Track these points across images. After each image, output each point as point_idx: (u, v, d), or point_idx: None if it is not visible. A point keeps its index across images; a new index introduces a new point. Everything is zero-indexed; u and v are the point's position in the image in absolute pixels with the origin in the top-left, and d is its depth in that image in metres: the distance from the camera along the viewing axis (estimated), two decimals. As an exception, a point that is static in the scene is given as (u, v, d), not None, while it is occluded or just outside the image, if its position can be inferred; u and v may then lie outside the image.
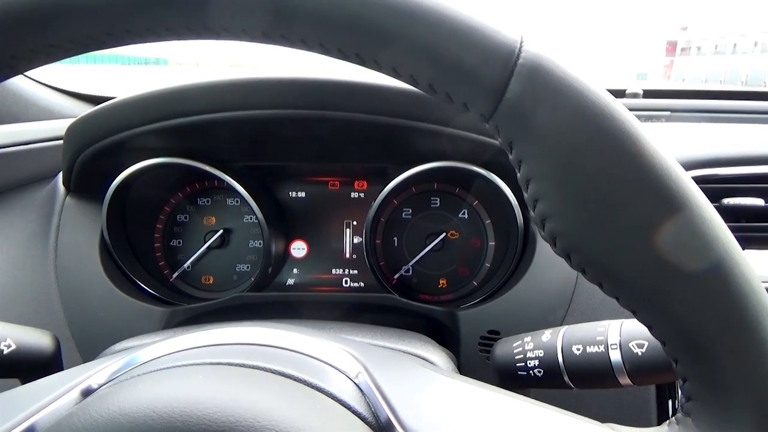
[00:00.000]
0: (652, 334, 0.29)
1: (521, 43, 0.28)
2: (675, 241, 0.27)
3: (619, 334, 0.45)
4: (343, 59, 0.31)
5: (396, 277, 0.90)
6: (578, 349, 0.47)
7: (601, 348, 0.46)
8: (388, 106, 0.71)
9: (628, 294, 0.28)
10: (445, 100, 0.30)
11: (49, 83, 1.08)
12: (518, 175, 0.30)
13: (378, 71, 0.31)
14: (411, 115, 0.71)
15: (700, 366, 0.28)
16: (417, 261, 0.90)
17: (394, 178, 0.80)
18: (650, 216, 0.27)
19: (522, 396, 0.35)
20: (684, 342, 0.28)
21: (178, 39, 0.31)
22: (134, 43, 0.31)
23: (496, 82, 0.28)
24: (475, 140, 0.73)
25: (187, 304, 0.80)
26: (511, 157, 0.30)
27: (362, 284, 0.91)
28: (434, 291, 0.90)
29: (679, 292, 0.27)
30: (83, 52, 0.32)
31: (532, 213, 0.30)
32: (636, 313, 0.29)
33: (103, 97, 1.11)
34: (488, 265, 0.88)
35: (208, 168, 0.79)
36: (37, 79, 1.05)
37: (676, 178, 0.27)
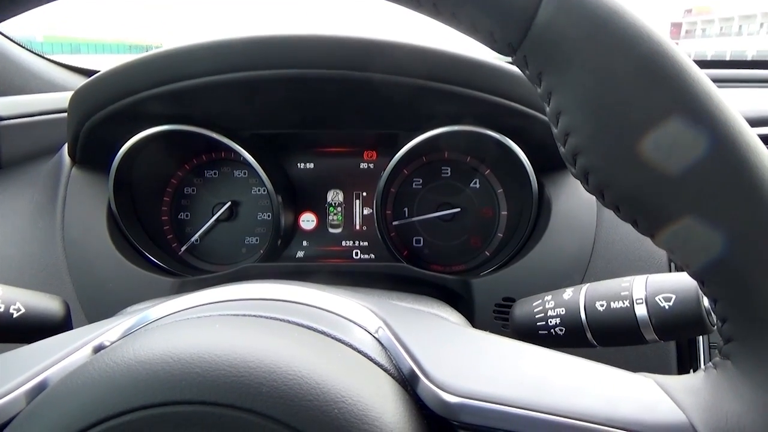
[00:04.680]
0: (689, 273, 0.28)
1: None
2: (715, 174, 0.25)
3: (645, 288, 0.44)
4: None
5: (407, 247, 0.89)
6: (602, 306, 0.45)
7: (626, 303, 0.44)
8: (399, 66, 0.69)
9: (665, 230, 0.27)
10: (469, 31, 0.29)
11: (52, 58, 1.07)
12: (547, 109, 0.28)
13: (398, 2, 0.29)
14: (422, 74, 0.70)
15: (742, 303, 0.26)
16: (428, 232, 0.89)
17: (404, 146, 0.79)
18: (690, 148, 0.25)
19: (547, 348, 0.34)
20: (724, 278, 0.26)
21: None
22: None
23: (525, 8, 0.26)
24: (489, 101, 0.71)
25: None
26: (539, 90, 0.28)
27: (373, 255, 0.90)
28: (446, 262, 0.89)
29: (720, 225, 0.26)
30: None
31: (562, 149, 0.28)
32: (673, 252, 0.28)
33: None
34: (500, 235, 0.87)
35: (215, 135, 0.78)
36: (40, 53, 1.04)
37: (720, 106, 0.25)
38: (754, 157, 0.25)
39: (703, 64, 1.25)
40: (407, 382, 0.31)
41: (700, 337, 0.64)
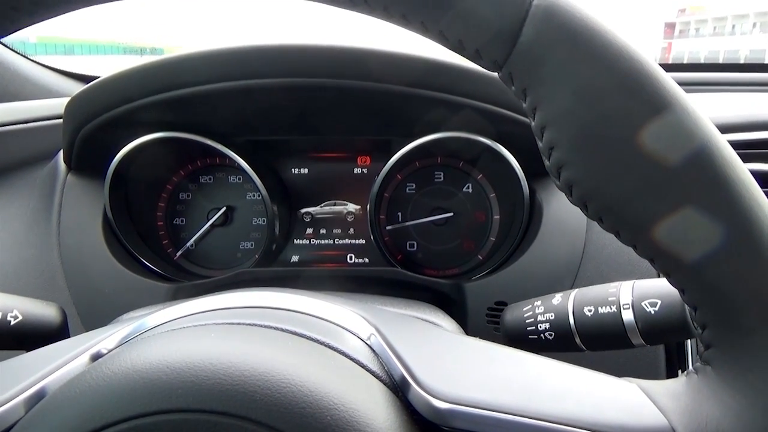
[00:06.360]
0: (669, 282, 0.29)
1: None
2: (694, 186, 0.26)
3: (632, 294, 0.45)
4: (353, 9, 0.30)
5: (401, 251, 0.90)
6: (590, 311, 0.46)
7: (614, 308, 0.45)
8: (391, 74, 0.70)
9: (645, 241, 0.28)
10: (456, 49, 0.29)
11: (47, 63, 1.07)
12: (533, 123, 0.29)
13: (387, 20, 0.30)
14: (414, 81, 0.70)
15: (720, 311, 0.27)
16: (421, 236, 0.89)
17: (398, 152, 0.80)
18: (668, 160, 0.26)
19: (536, 354, 0.35)
20: (703, 286, 0.27)
21: None
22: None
23: (510, 27, 0.27)
24: (480, 108, 0.72)
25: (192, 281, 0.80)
26: (525, 105, 0.29)
27: (367, 260, 0.91)
28: (439, 266, 0.89)
29: (698, 235, 0.26)
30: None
31: (547, 162, 0.29)
32: (654, 261, 0.29)
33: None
34: (493, 239, 0.88)
35: (209, 142, 0.78)
36: (35, 59, 1.04)
37: (698, 122, 0.26)
38: (731, 171, 0.26)
39: (697, 67, 1.26)
40: (398, 389, 0.31)
41: (689, 340, 0.65)
